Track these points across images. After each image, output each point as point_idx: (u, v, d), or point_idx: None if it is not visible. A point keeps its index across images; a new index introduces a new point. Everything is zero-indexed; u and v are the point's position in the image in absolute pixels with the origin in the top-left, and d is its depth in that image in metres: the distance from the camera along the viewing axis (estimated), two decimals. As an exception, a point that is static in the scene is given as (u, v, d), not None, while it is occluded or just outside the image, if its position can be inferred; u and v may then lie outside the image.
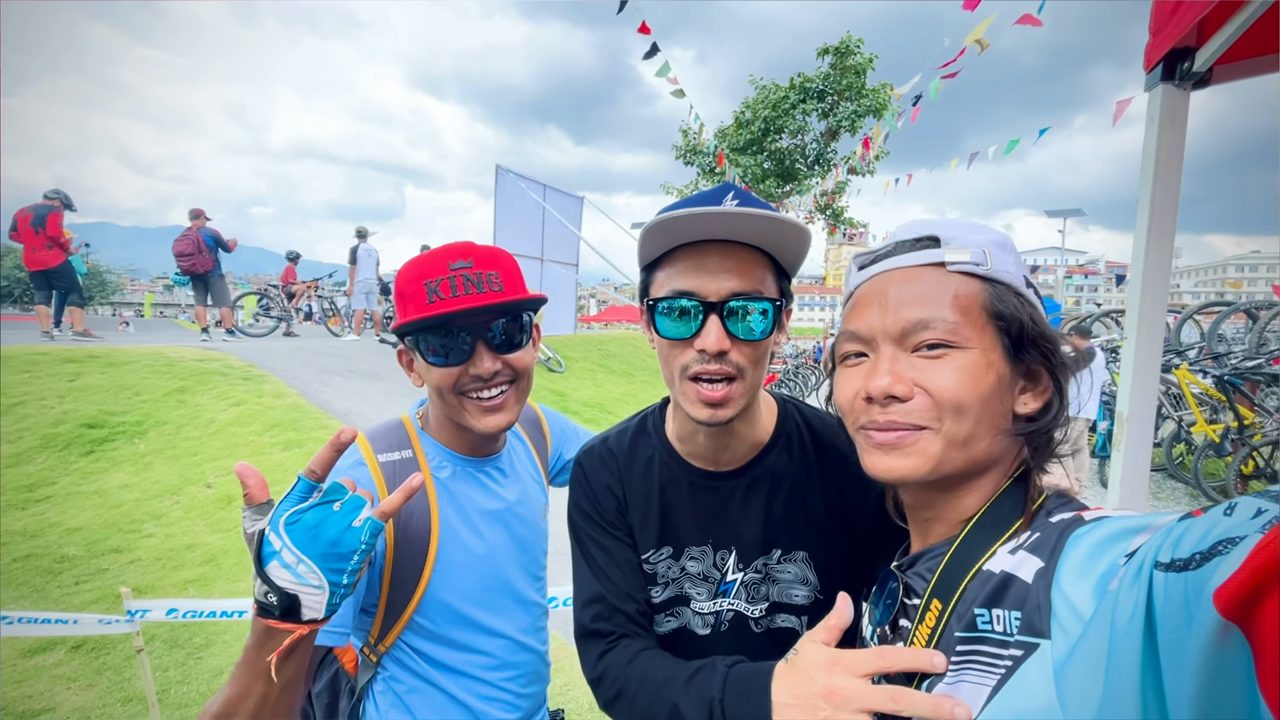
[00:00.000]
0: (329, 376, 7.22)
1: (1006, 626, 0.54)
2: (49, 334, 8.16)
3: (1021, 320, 0.62)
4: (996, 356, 0.62)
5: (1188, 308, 8.50)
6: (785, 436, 0.98)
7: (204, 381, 6.29)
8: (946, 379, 0.61)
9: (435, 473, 1.07)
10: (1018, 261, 0.66)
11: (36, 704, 2.83)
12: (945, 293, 0.63)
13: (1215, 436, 6.31)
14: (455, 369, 0.99)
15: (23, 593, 3.64)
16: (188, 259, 8.75)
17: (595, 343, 14.57)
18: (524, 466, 1.22)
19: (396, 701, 1.04)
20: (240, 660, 0.77)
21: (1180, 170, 1.32)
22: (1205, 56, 1.28)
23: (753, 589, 0.95)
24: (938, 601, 0.62)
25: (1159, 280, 1.34)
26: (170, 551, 4.11)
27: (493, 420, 1.02)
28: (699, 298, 0.81)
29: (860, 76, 18.74)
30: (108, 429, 5.41)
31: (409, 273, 0.99)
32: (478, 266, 0.99)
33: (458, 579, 1.04)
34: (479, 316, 0.98)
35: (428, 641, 1.04)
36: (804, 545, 0.94)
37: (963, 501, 0.66)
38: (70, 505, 4.54)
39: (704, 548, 0.97)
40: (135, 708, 2.82)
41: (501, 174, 12.81)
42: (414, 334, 0.99)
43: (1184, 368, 6.83)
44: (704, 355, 0.81)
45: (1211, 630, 0.34)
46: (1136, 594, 0.40)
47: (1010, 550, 0.58)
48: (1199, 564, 0.36)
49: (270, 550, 0.73)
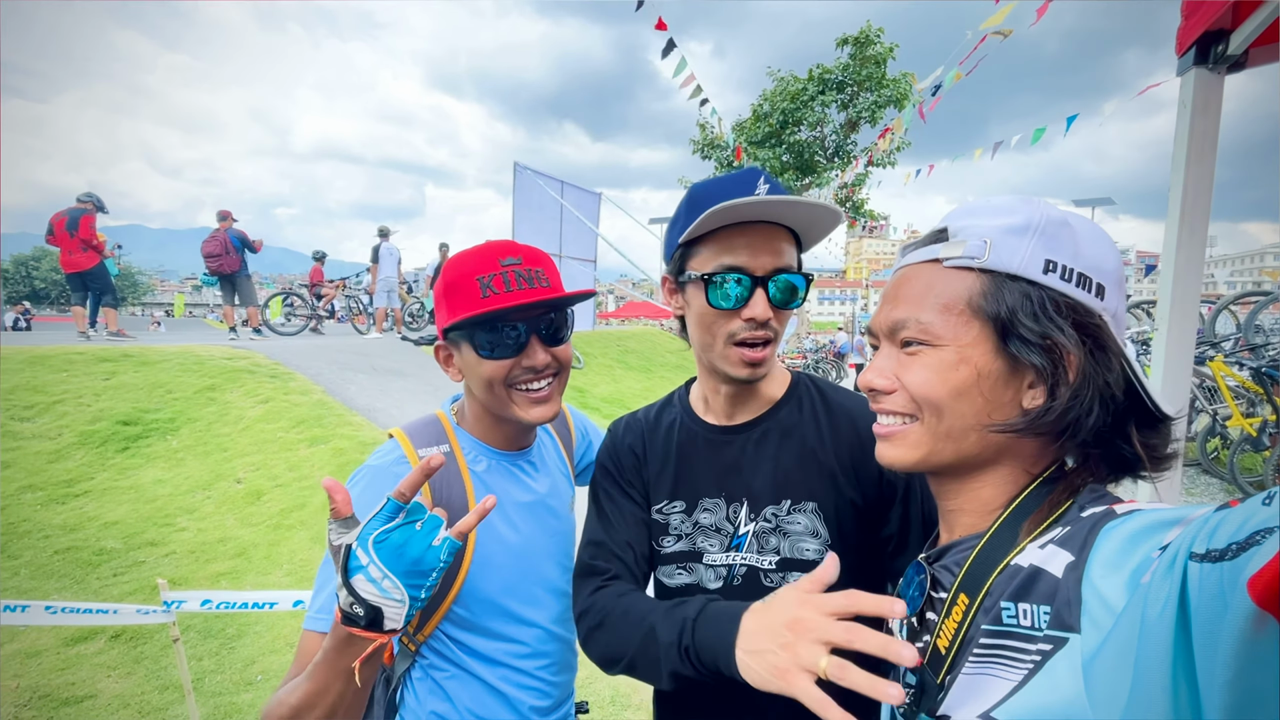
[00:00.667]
0: (352, 374, 7.34)
1: (1035, 621, 0.54)
2: (85, 334, 8.41)
3: (1001, 313, 0.61)
4: (978, 352, 0.62)
5: (1223, 298, 8.24)
6: (796, 395, 1.07)
7: (233, 379, 6.44)
8: (916, 375, 0.65)
9: (471, 466, 1.10)
10: (1042, 244, 0.61)
11: (79, 690, 2.93)
12: (931, 291, 0.65)
13: (1252, 430, 6.11)
14: (508, 361, 1.02)
15: (64, 584, 3.77)
16: (215, 259, 8.98)
17: (614, 339, 14.61)
18: (553, 460, 1.25)
19: (435, 689, 1.07)
20: (320, 660, 0.82)
21: (1214, 158, 1.28)
22: (1240, 39, 1.23)
23: (763, 539, 0.99)
24: (964, 596, 0.61)
25: (1192, 270, 1.30)
26: (202, 545, 4.23)
27: (539, 411, 1.06)
28: (749, 272, 0.92)
29: (880, 66, 18.44)
30: (142, 426, 5.57)
31: (459, 268, 1.03)
32: (527, 263, 1.03)
33: (494, 571, 1.07)
34: (534, 311, 1.03)
35: (465, 631, 1.07)
36: (813, 495, 0.98)
37: (981, 493, 0.66)
38: (108, 500, 4.69)
39: (717, 500, 1.03)
40: (171, 695, 2.91)
41: (519, 171, 12.87)
42: (468, 328, 1.02)
43: (1219, 359, 6.62)
44: (751, 323, 0.93)
45: (1246, 619, 0.33)
46: (1170, 586, 0.39)
47: (1040, 545, 0.57)
48: (1235, 554, 0.35)
49: (357, 564, 0.77)
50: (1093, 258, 0.61)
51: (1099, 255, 0.61)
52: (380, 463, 1.04)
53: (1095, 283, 0.60)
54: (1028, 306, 0.60)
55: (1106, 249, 0.62)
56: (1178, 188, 1.31)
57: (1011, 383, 0.62)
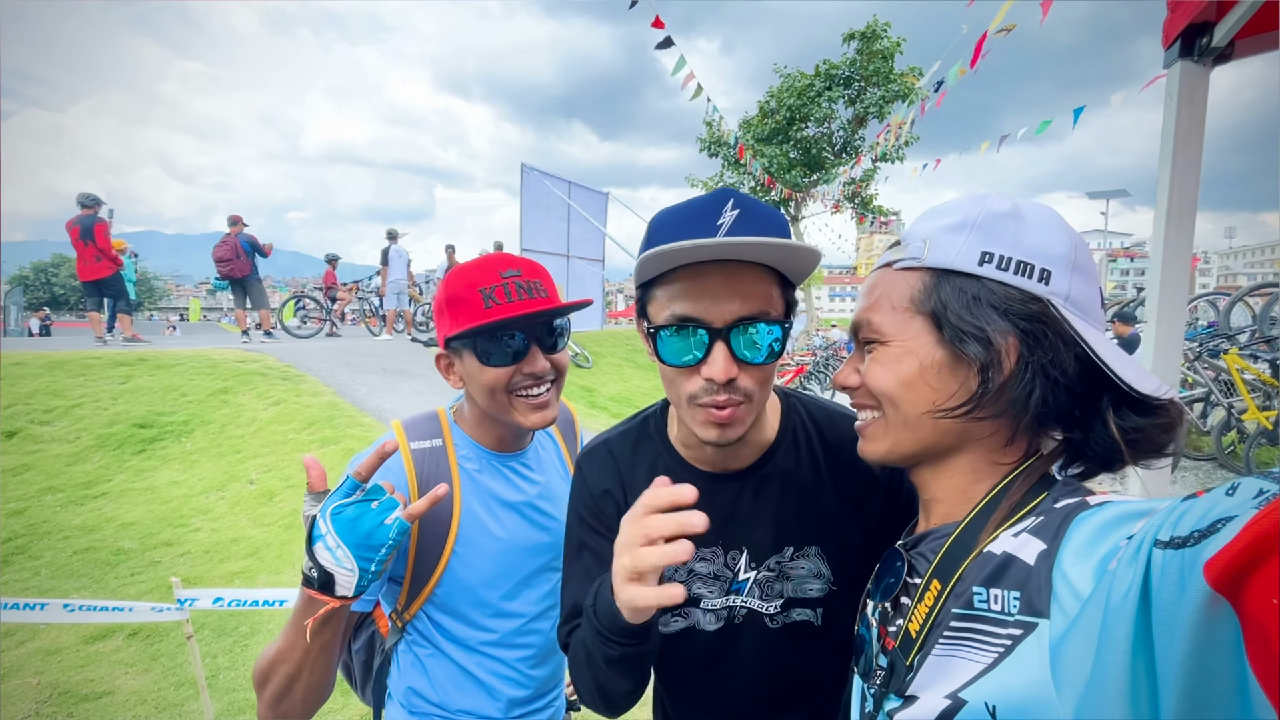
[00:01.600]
0: (363, 375, 7.42)
1: (1005, 606, 0.55)
2: (102, 339, 8.57)
3: (935, 307, 0.65)
4: (920, 344, 0.66)
5: (1239, 290, 8.11)
6: (791, 433, 0.97)
7: (245, 382, 6.54)
8: (870, 371, 0.70)
9: (462, 463, 1.16)
10: (978, 238, 0.63)
11: (98, 687, 3.01)
12: (882, 293, 0.70)
13: (1268, 424, 6.03)
14: (509, 369, 1.07)
15: (83, 583, 3.86)
16: (226, 264, 9.15)
17: (623, 338, 14.63)
18: (551, 463, 1.29)
19: (415, 663, 1.16)
20: (290, 620, 0.93)
21: (1200, 149, 1.27)
22: (1224, 31, 1.24)
23: (766, 587, 0.94)
24: (937, 582, 0.63)
25: (1179, 260, 1.30)
26: (217, 545, 4.31)
27: (539, 416, 1.11)
28: (703, 324, 0.77)
29: (888, 61, 18.32)
30: (157, 428, 5.67)
31: (460, 279, 1.07)
32: (526, 275, 1.08)
33: (474, 561, 1.13)
34: (535, 320, 1.07)
35: (443, 614, 1.14)
36: (816, 540, 0.93)
37: (953, 482, 0.68)
38: (125, 501, 4.78)
39: (714, 549, 0.95)
40: (186, 692, 2.98)
41: (527, 172, 12.93)
42: (471, 337, 1.06)
43: (1234, 352, 6.53)
44: (711, 384, 0.78)
45: (1201, 601, 0.35)
46: (1134, 572, 0.41)
47: (1013, 534, 0.59)
48: (1196, 541, 0.37)
49: (317, 533, 0.88)
50: (1036, 245, 0.63)
51: (1043, 242, 0.63)
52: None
53: (1039, 268, 0.62)
54: (962, 298, 0.63)
55: (1054, 235, 0.64)
56: (1165, 180, 1.31)
57: (957, 371, 0.64)
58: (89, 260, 8.21)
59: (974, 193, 0.69)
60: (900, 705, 0.63)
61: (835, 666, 0.98)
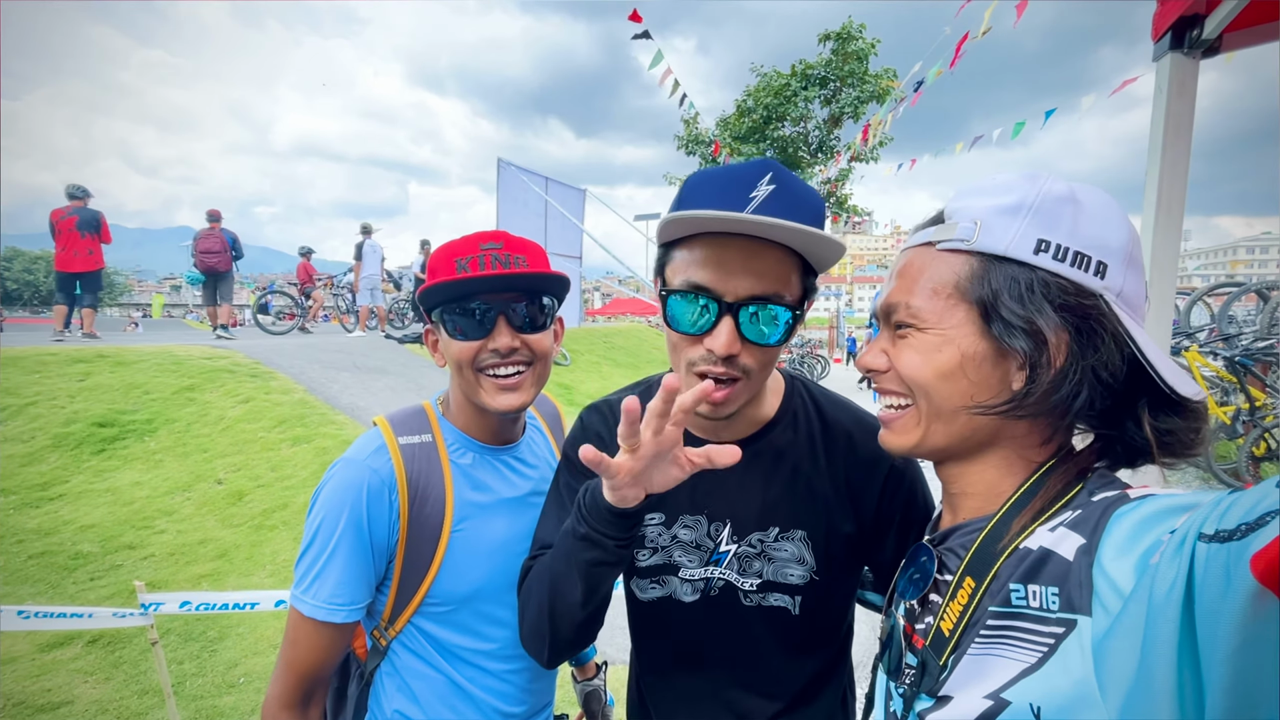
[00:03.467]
0: (335, 372, 7.25)
1: (1044, 602, 0.53)
2: (60, 335, 8.26)
3: (985, 296, 0.60)
4: (963, 334, 0.62)
5: (1197, 290, 8.41)
6: (791, 414, 0.96)
7: (212, 379, 6.33)
8: (904, 358, 0.66)
9: (454, 458, 1.09)
10: (1035, 223, 0.60)
11: (56, 697, 2.87)
12: (922, 274, 0.65)
13: (1226, 419, 6.24)
14: (475, 343, 1.02)
15: (39, 589, 3.68)
16: (214, 256, 9.09)
17: (600, 335, 14.59)
18: (543, 458, 1.22)
19: (403, 686, 1.06)
20: None
21: (1189, 140, 1.29)
22: (1215, 23, 1.25)
23: (745, 562, 0.94)
24: (970, 579, 0.61)
25: (1168, 252, 1.31)
26: (183, 547, 4.15)
27: (506, 399, 1.04)
28: (714, 295, 0.77)
29: (863, 62, 18.53)
30: (118, 427, 5.45)
31: (442, 252, 1.04)
32: (508, 249, 1.03)
33: (471, 565, 1.06)
34: (502, 292, 1.02)
35: (438, 625, 1.06)
36: (803, 524, 0.92)
37: (984, 476, 0.66)
38: (83, 503, 4.58)
39: (698, 518, 0.96)
40: (151, 700, 2.86)
41: (503, 167, 12.79)
42: (440, 306, 1.03)
43: (1194, 350, 6.76)
44: (712, 355, 0.78)
45: (1248, 596, 0.34)
46: (1178, 566, 0.39)
47: (1050, 529, 0.57)
48: (1244, 534, 0.35)
49: None
50: (1093, 235, 0.59)
51: (1101, 232, 0.59)
52: (356, 456, 1.03)
53: (1095, 261, 0.59)
54: (1015, 288, 0.59)
55: (1112, 225, 0.60)
56: (1154, 171, 1.32)
57: (1000, 365, 0.61)
58: (82, 253, 8.00)
59: (1027, 170, 0.65)
60: (933, 706, 0.60)
61: (811, 662, 0.98)
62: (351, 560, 0.98)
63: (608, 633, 3.55)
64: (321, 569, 0.97)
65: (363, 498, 0.98)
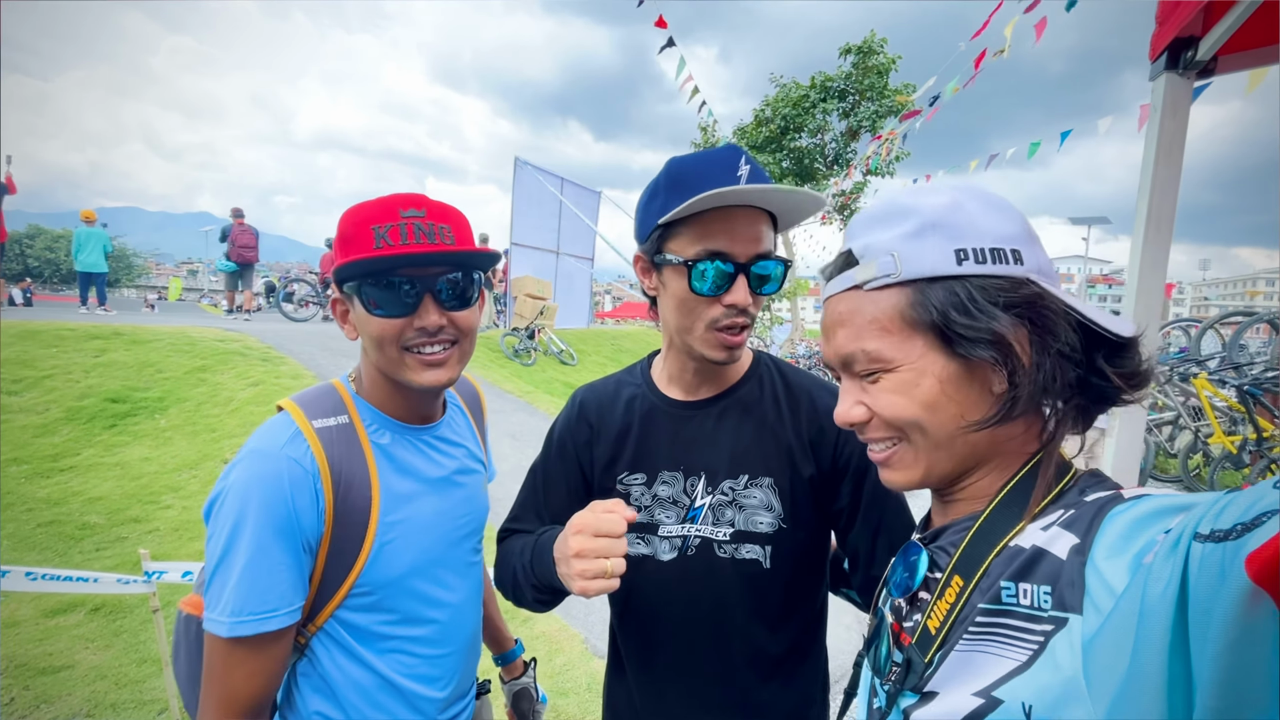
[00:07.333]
0: (344, 359, 7.34)
1: (1035, 600, 0.53)
2: None
3: (934, 319, 0.60)
4: (930, 361, 0.62)
5: (1209, 317, 8.34)
6: (758, 375, 1.09)
7: (224, 361, 6.44)
8: (884, 402, 0.65)
9: (373, 438, 1.01)
10: (944, 237, 0.61)
11: (57, 661, 2.93)
12: (865, 318, 0.65)
13: (1233, 448, 6.19)
14: (399, 321, 0.94)
15: (46, 556, 3.77)
16: (250, 250, 10.16)
17: (608, 337, 14.63)
18: (465, 438, 1.17)
19: (321, 686, 0.99)
20: None
21: (1181, 157, 1.33)
22: (1208, 45, 1.29)
23: (719, 511, 1.02)
24: (959, 578, 0.61)
25: (1156, 272, 1.34)
26: (187, 523, 4.23)
27: (432, 375, 0.97)
28: (732, 259, 0.91)
29: (883, 76, 18.58)
30: (130, 404, 5.56)
31: (354, 216, 0.94)
32: (430, 218, 0.94)
33: (401, 548, 1.00)
34: (428, 268, 0.94)
35: (364, 614, 0.98)
36: (770, 471, 1.01)
37: (979, 483, 0.66)
38: (92, 475, 4.68)
39: (675, 473, 1.05)
40: (149, 669, 2.92)
41: (520, 166, 12.91)
42: (356, 279, 0.93)
43: (1204, 377, 6.71)
44: (732, 310, 0.93)
45: (1241, 595, 0.34)
46: (1172, 566, 0.39)
47: (1042, 527, 0.57)
48: (1239, 534, 0.35)
49: None
50: (994, 227, 0.61)
51: (999, 221, 0.61)
52: (268, 447, 0.91)
53: (1009, 250, 0.60)
54: (957, 302, 0.59)
55: (1004, 213, 0.62)
56: (1146, 186, 1.37)
57: (975, 379, 0.61)
58: None
59: (885, 197, 0.68)
60: (918, 702, 0.61)
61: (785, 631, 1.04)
62: (281, 561, 0.88)
63: (600, 628, 3.53)
64: (245, 577, 0.86)
65: (287, 492, 0.88)
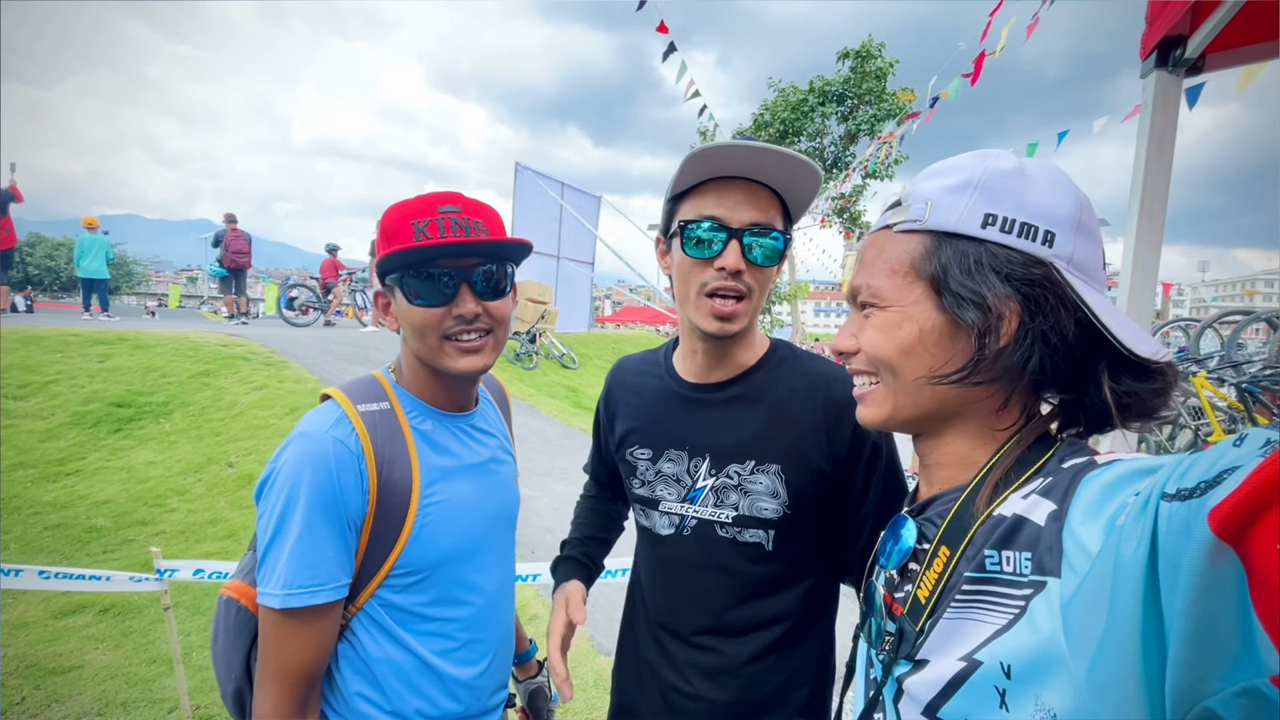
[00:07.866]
0: (348, 364, 7.37)
1: (1017, 567, 0.55)
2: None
3: (936, 272, 0.63)
4: (920, 310, 0.65)
5: (1207, 316, 8.36)
6: (774, 361, 1.09)
7: (227, 366, 6.46)
8: (867, 336, 0.69)
9: (413, 423, 1.06)
10: (982, 199, 0.62)
11: (66, 661, 2.96)
12: (881, 256, 0.69)
13: (1232, 446, 6.21)
14: (439, 310, 1.00)
15: (53, 559, 3.79)
16: (245, 256, 10.26)
17: (609, 340, 14.66)
18: (496, 429, 1.23)
19: (362, 669, 1.02)
20: None
21: (1172, 152, 1.36)
22: (1196, 43, 1.33)
23: (721, 494, 1.03)
24: (945, 548, 0.63)
25: (1148, 266, 1.38)
26: (193, 526, 4.26)
27: (469, 361, 1.03)
28: (724, 224, 0.95)
29: (881, 81, 18.68)
30: (135, 408, 5.59)
31: (395, 213, 1.00)
32: (466, 212, 1.00)
33: (441, 530, 1.03)
34: (465, 258, 1.00)
35: (406, 595, 1.02)
36: (779, 458, 1.01)
37: (955, 447, 0.68)
38: (99, 479, 4.70)
39: (681, 452, 1.07)
40: (158, 668, 2.94)
41: (520, 171, 12.96)
42: (398, 270, 1.00)
43: (1202, 375, 6.73)
44: (722, 273, 0.95)
45: (1206, 549, 0.35)
46: (1142, 526, 0.40)
47: (1022, 496, 0.58)
48: (1203, 492, 0.36)
49: None
50: (1040, 205, 0.61)
51: (1048, 202, 0.61)
52: (315, 429, 0.97)
53: (1043, 230, 0.60)
54: (964, 262, 0.61)
55: (1059, 195, 0.62)
56: (1138, 179, 1.40)
57: (956, 337, 0.63)
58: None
59: (966, 154, 0.67)
60: (910, 670, 0.63)
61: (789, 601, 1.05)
62: (329, 538, 0.92)
63: (606, 625, 3.55)
64: (296, 552, 0.91)
65: (333, 470, 0.93)
